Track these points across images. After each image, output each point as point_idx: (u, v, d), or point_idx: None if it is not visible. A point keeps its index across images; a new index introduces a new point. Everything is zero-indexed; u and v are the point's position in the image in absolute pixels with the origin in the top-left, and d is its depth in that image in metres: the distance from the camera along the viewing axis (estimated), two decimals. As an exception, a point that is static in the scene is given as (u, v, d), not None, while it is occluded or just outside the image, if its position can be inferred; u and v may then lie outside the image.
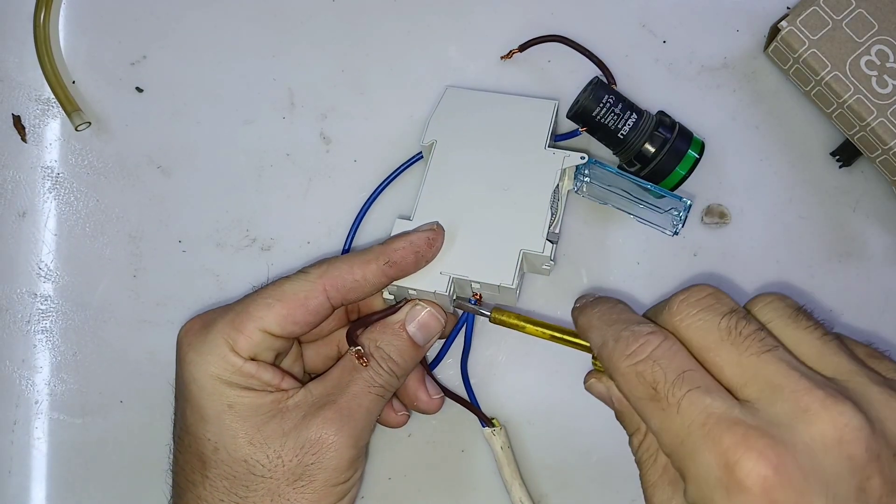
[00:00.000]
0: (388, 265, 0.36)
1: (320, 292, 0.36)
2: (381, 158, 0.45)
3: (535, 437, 0.43)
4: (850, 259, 0.44)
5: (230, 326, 0.35)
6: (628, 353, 0.30)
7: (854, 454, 0.26)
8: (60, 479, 0.43)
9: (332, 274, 0.36)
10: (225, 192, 0.45)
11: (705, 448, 0.27)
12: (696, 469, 0.27)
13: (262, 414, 0.35)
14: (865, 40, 0.41)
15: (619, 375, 0.30)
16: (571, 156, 0.40)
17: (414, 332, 0.37)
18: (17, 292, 0.44)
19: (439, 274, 0.37)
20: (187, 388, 0.35)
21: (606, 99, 0.41)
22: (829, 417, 0.27)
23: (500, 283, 0.37)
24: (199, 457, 0.35)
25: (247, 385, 0.35)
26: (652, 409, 0.29)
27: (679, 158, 0.41)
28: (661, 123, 0.41)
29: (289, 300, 0.35)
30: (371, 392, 0.36)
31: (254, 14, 0.46)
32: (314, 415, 0.35)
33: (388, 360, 0.36)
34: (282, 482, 0.34)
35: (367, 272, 0.36)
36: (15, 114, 0.45)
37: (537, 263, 0.39)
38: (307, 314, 0.36)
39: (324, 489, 0.34)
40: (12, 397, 0.44)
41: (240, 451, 0.34)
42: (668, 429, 0.29)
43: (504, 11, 0.46)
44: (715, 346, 0.29)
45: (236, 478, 0.34)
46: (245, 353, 0.35)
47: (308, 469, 0.34)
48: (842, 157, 0.44)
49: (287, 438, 0.34)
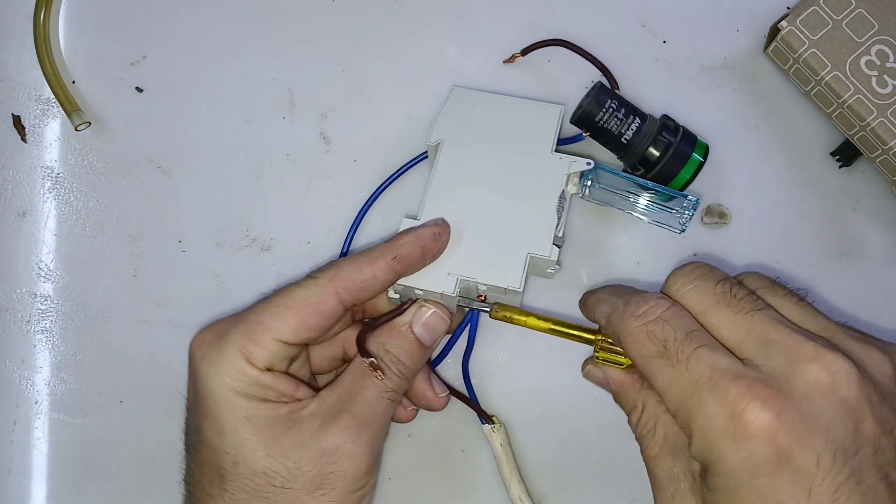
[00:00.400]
0: (396, 260, 0.37)
1: (332, 296, 0.36)
2: (381, 158, 0.45)
3: (535, 436, 0.43)
4: (850, 259, 0.44)
5: (244, 338, 0.35)
6: (639, 313, 0.32)
7: (847, 398, 0.29)
8: (60, 479, 0.43)
9: (341, 276, 0.36)
10: (225, 192, 0.45)
11: (712, 399, 0.29)
12: (704, 420, 0.29)
13: (279, 425, 0.35)
14: (865, 40, 0.41)
15: (630, 336, 0.32)
16: (578, 161, 0.40)
17: (421, 333, 0.38)
18: (17, 292, 0.44)
19: (447, 275, 0.38)
20: (204, 401, 0.35)
21: (609, 104, 0.41)
22: (822, 365, 0.29)
23: (508, 286, 0.37)
24: (217, 470, 0.35)
25: (263, 397, 0.35)
26: (660, 366, 0.31)
27: (683, 162, 0.41)
28: (664, 127, 0.41)
29: (301, 307, 0.35)
30: (384, 398, 0.36)
31: (254, 14, 0.46)
32: (330, 423, 0.35)
33: (398, 364, 0.37)
34: (301, 492, 0.34)
35: (375, 270, 0.36)
36: (15, 114, 0.45)
37: (543, 267, 0.39)
38: (321, 319, 0.36)
39: (343, 496, 0.35)
40: (12, 397, 0.44)
41: (259, 464, 0.34)
42: (676, 384, 0.31)
43: (504, 11, 0.46)
44: (712, 308, 0.32)
45: (256, 490, 0.34)
46: (261, 364, 0.35)
47: (328, 478, 0.34)
48: (842, 157, 0.44)
49: (305, 449, 0.34)
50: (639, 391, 0.35)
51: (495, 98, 0.43)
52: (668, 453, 0.33)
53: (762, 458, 0.28)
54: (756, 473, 0.28)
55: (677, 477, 0.33)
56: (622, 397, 0.36)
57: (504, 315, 0.38)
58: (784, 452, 0.28)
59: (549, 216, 0.39)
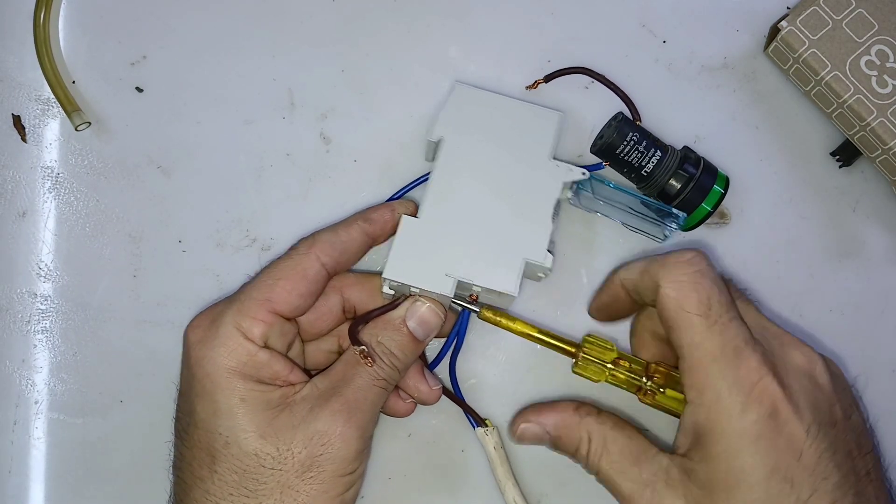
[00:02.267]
0: (368, 223, 0.40)
1: (314, 260, 0.38)
2: (382, 158, 0.45)
3: (535, 437, 0.43)
4: (850, 259, 0.44)
5: (239, 315, 0.37)
6: (684, 259, 0.35)
7: (823, 384, 0.35)
8: (60, 479, 0.43)
9: (319, 242, 0.39)
10: (225, 192, 0.45)
11: (736, 366, 0.33)
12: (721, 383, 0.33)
13: (272, 408, 0.35)
14: (865, 40, 0.41)
15: (675, 282, 0.35)
16: (574, 170, 0.41)
17: (414, 328, 0.38)
18: (17, 292, 0.44)
19: (444, 276, 0.38)
20: (200, 383, 0.36)
21: (631, 136, 0.41)
22: (803, 354, 0.35)
23: (503, 290, 0.38)
24: (208, 451, 0.35)
25: (258, 377, 0.36)
26: (697, 323, 0.34)
27: (704, 194, 0.41)
28: (685, 159, 0.41)
29: (288, 276, 0.37)
30: (375, 385, 0.37)
31: (254, 14, 0.46)
32: (322, 407, 0.35)
33: (390, 355, 0.37)
34: (291, 474, 0.35)
35: (350, 232, 0.39)
36: (15, 114, 0.45)
37: (535, 272, 0.40)
38: (308, 284, 0.38)
39: (332, 479, 0.35)
40: (12, 397, 0.44)
41: (251, 445, 0.35)
42: (705, 345, 0.34)
43: (504, 11, 0.46)
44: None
45: (246, 472, 0.35)
46: (258, 339, 0.36)
47: (317, 460, 0.35)
48: (842, 157, 0.44)
49: (296, 431, 0.35)
50: (579, 423, 0.37)
51: (497, 98, 0.43)
52: (630, 464, 0.35)
53: (767, 425, 0.32)
54: (759, 437, 0.32)
55: (648, 481, 0.35)
56: (564, 438, 0.37)
57: (491, 318, 0.39)
58: (782, 420, 0.32)
59: (545, 223, 0.39)
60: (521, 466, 0.42)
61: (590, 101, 0.45)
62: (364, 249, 0.40)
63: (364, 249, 0.40)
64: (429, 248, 0.39)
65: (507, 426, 0.42)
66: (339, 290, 0.40)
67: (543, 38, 0.46)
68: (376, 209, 0.41)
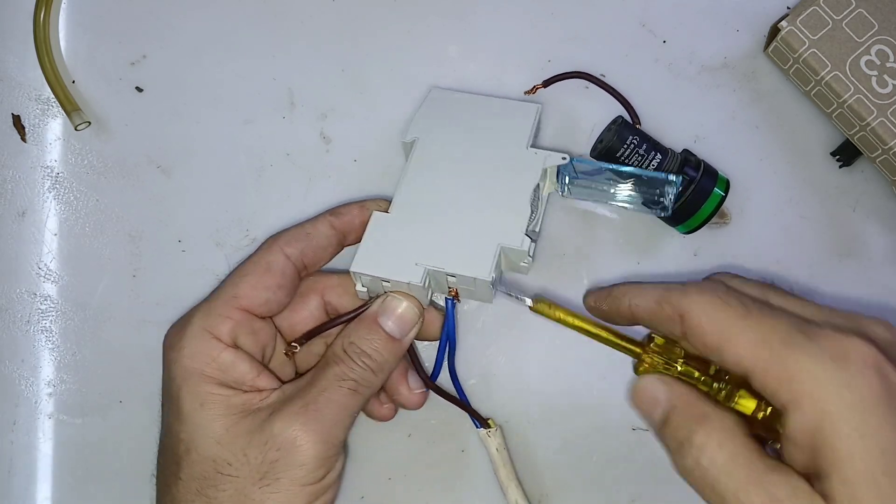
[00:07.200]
0: (334, 216, 0.39)
1: (277, 252, 0.38)
2: (382, 158, 0.45)
3: (536, 436, 0.43)
4: (850, 259, 0.44)
5: (206, 314, 0.36)
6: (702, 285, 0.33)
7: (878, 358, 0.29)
8: (60, 479, 0.43)
9: (283, 236, 0.39)
10: (225, 192, 0.45)
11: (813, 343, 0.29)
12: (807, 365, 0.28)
13: (232, 413, 0.34)
14: (865, 40, 0.41)
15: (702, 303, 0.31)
16: (553, 155, 0.40)
17: (389, 326, 0.37)
18: (17, 292, 0.44)
19: (414, 265, 0.37)
20: (166, 387, 0.36)
21: (631, 140, 0.41)
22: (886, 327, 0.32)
23: (476, 275, 0.36)
24: (174, 458, 0.35)
25: (222, 381, 0.35)
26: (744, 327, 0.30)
27: (705, 197, 0.41)
28: (685, 162, 0.41)
29: (253, 271, 0.37)
30: (342, 386, 0.35)
31: (254, 14, 0.46)
32: (280, 410, 0.34)
33: (362, 355, 0.36)
34: (247, 481, 0.33)
35: (316, 224, 0.39)
36: (15, 114, 0.45)
37: (516, 260, 0.38)
38: (274, 276, 0.37)
39: (291, 488, 0.33)
40: (12, 397, 0.44)
41: (209, 451, 0.34)
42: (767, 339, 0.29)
43: (504, 11, 0.46)
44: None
45: (206, 478, 0.34)
46: (226, 338, 0.36)
47: (272, 466, 0.33)
48: (842, 157, 0.44)
49: (252, 436, 0.34)
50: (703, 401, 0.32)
51: (473, 98, 0.43)
52: (798, 450, 0.29)
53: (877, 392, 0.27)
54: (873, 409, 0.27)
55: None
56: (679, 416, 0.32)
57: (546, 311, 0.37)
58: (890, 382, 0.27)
59: (522, 209, 0.38)
60: (524, 466, 0.42)
61: (590, 103, 0.45)
62: (334, 244, 0.39)
63: (334, 244, 0.39)
64: (399, 240, 0.38)
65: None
66: (320, 293, 0.40)
67: (543, 38, 0.46)
68: (345, 205, 0.40)
